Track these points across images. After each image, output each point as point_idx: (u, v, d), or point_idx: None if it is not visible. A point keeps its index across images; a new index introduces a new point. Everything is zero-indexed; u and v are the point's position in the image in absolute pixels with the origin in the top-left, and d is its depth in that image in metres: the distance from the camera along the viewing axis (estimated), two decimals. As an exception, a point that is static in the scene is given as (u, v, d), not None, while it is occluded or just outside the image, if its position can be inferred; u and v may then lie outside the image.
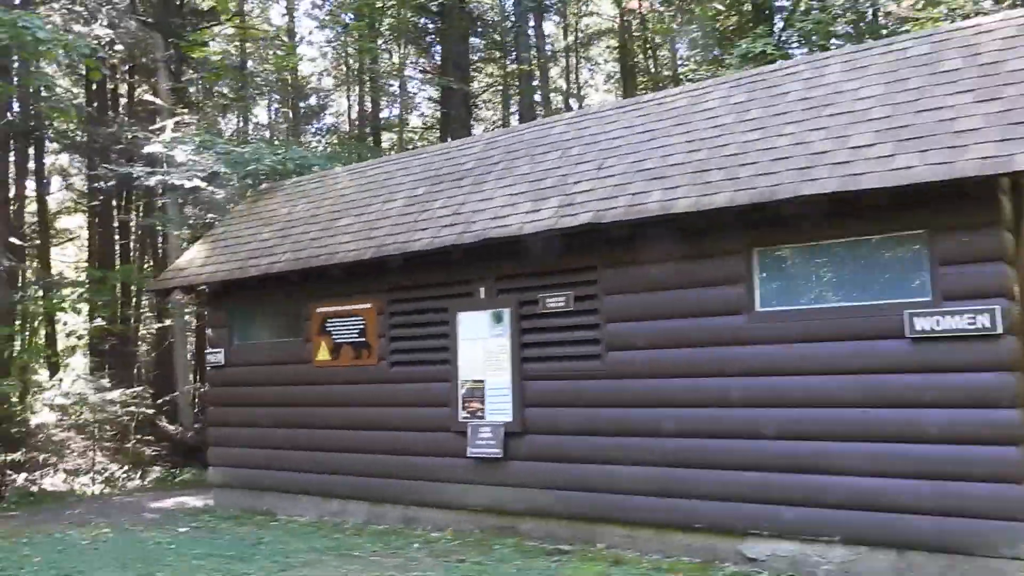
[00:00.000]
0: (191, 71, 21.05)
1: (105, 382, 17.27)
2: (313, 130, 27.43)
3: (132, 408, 16.83)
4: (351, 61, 26.02)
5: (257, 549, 7.06)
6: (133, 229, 24.37)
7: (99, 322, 16.54)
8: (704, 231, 6.61)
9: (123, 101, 22.98)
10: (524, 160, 8.35)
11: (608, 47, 28.76)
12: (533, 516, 7.48)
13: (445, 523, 8.04)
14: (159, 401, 19.01)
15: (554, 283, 7.47)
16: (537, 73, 22.99)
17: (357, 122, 27.65)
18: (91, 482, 15.13)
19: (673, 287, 6.82)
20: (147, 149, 15.30)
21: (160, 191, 16.87)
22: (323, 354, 9.08)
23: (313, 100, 27.68)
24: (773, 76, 7.49)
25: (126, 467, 16.42)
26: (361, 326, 8.78)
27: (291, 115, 26.07)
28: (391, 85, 26.77)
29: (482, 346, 7.83)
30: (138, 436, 17.72)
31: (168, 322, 17.36)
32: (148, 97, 16.29)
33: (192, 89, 21.14)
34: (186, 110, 16.66)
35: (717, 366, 6.55)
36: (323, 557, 6.75)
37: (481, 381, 7.81)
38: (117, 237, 21.23)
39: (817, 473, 6.06)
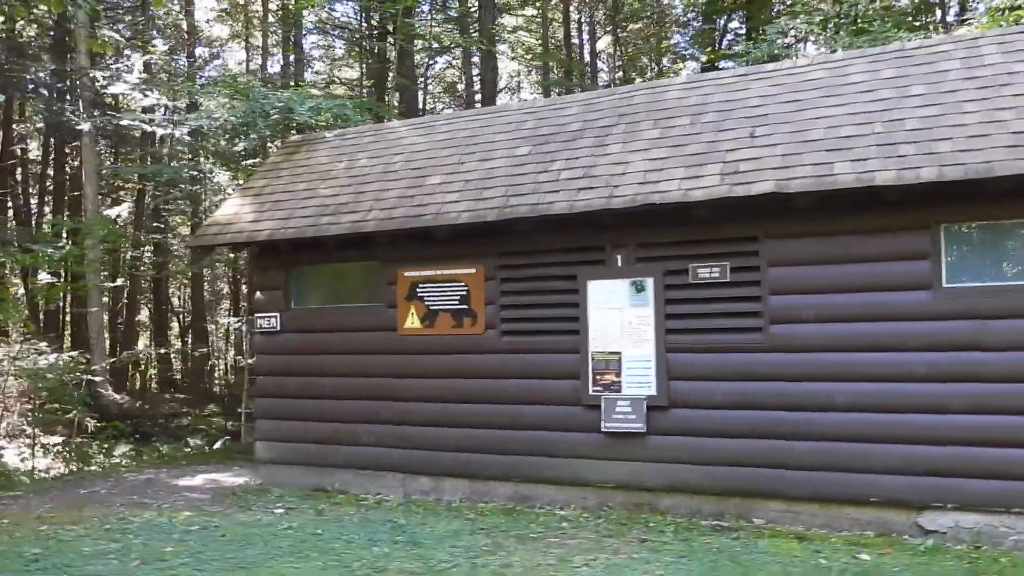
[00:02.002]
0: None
1: (44, 345, 15.61)
2: (202, 80, 25.56)
3: (77, 374, 15.28)
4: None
5: (413, 534, 6.48)
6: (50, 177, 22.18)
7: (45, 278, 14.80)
8: (884, 205, 6.56)
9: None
10: (647, 125, 8.03)
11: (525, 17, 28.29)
12: (674, 492, 7.30)
13: (565, 500, 7.73)
14: (93, 368, 17.44)
15: (707, 253, 7.24)
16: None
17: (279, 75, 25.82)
18: (31, 455, 13.65)
19: (847, 261, 6.75)
20: (114, 89, 13.82)
21: (99, 136, 15.25)
22: (412, 321, 8.48)
23: (204, 50, 25.85)
24: (920, 54, 7.51)
25: (63, 438, 14.95)
26: (463, 292, 8.24)
27: (184, 62, 24.18)
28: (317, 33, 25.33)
29: (619, 316, 7.52)
30: (78, 405, 16.12)
31: (120, 281, 15.81)
32: (109, 33, 14.56)
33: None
34: (155, 50, 15.08)
35: (898, 340, 6.55)
36: (498, 540, 6.30)
37: (617, 353, 7.51)
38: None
39: (1009, 446, 6.18)
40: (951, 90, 6.89)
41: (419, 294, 8.46)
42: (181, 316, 28.12)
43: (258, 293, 9.51)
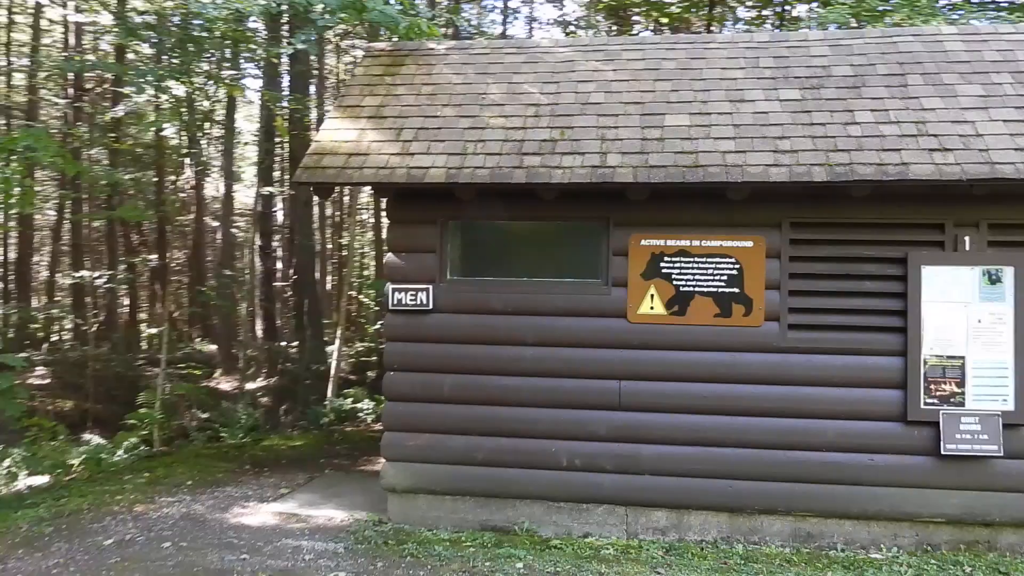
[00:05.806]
0: None
1: None
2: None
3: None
4: None
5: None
6: None
7: None
8: None
9: None
10: (953, 78, 6.56)
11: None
12: (1019, 526, 6.03)
13: (869, 539, 6.16)
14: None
15: (1083, 240, 5.99)
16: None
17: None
18: None
19: None
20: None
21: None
22: (652, 306, 6.37)
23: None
24: None
25: None
26: (732, 271, 6.29)
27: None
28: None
29: (963, 312, 6.04)
30: None
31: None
32: None
33: None
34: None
35: None
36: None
37: (960, 357, 6.03)
38: None
39: None
40: None
41: (664, 271, 6.37)
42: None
43: (390, 255, 6.77)
